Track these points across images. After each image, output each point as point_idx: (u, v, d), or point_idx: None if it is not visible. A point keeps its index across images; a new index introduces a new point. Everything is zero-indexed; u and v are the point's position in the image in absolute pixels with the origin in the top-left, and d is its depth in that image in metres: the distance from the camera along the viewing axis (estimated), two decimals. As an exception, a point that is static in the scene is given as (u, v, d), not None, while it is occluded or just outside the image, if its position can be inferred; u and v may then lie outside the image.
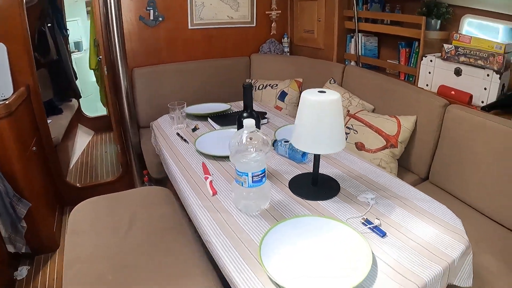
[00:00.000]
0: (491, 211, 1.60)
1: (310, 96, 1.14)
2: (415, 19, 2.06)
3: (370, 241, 0.99)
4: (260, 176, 1.07)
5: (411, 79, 2.24)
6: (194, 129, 1.84)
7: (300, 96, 2.60)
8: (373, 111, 2.17)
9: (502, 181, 1.55)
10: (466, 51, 1.82)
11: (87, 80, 3.33)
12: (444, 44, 1.92)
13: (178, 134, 1.78)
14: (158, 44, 2.51)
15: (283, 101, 2.63)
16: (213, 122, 1.90)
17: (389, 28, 2.32)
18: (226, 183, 1.32)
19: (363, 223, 1.08)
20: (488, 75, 1.78)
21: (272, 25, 2.84)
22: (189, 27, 2.57)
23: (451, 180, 1.79)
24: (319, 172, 1.29)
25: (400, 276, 0.88)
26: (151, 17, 2.38)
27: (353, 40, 2.57)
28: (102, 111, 3.21)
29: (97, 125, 3.24)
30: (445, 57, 1.91)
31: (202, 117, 1.99)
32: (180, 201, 1.65)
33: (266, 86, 2.69)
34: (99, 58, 2.45)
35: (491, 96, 1.80)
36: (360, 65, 2.57)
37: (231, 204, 1.18)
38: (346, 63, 2.68)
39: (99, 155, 2.98)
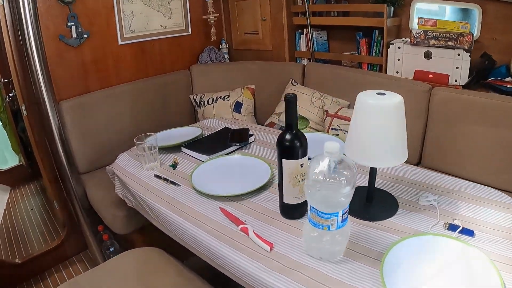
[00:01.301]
0: (489, 179, 1.59)
1: (369, 99, 0.95)
2: (377, 8, 2.00)
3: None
4: (348, 212, 0.83)
5: (375, 68, 2.19)
6: (174, 166, 1.47)
7: (254, 105, 2.42)
8: (349, 106, 2.06)
9: (498, 148, 1.60)
10: (436, 34, 1.82)
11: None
12: (412, 29, 1.90)
13: (157, 176, 1.40)
14: (85, 67, 2.02)
15: (240, 113, 2.38)
16: (194, 153, 1.52)
17: (352, 20, 2.22)
18: (266, 227, 1.03)
19: (447, 228, 0.95)
20: (458, 54, 1.81)
21: (212, 30, 2.53)
22: (120, 42, 2.14)
23: (445, 159, 1.78)
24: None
25: (516, 268, 0.80)
26: (74, 35, 1.89)
27: (302, 36, 2.44)
28: (14, 161, 2.53)
29: (12, 178, 2.54)
30: (415, 42, 1.89)
31: (170, 149, 1.60)
32: (177, 259, 1.31)
33: (217, 99, 2.41)
34: (9, 97, 1.88)
35: (463, 74, 1.83)
36: (315, 61, 2.45)
37: (297, 253, 0.91)
38: (298, 61, 2.55)
39: (24, 214, 2.33)
